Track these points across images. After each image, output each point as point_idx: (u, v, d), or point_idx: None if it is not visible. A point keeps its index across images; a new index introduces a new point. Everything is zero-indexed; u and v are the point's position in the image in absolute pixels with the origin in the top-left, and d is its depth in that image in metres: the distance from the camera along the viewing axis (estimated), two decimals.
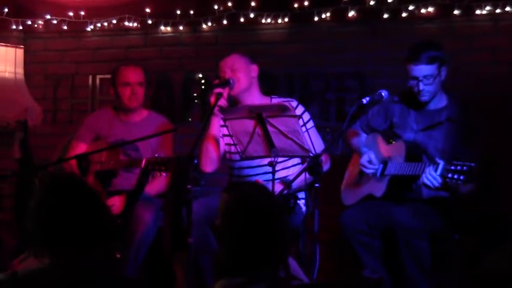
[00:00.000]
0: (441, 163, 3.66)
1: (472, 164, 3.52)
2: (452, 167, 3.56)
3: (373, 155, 4.15)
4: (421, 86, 3.98)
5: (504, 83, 4.90)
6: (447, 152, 3.87)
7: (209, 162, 4.34)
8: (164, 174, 4.24)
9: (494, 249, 2.14)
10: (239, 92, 4.31)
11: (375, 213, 4.01)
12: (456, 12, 5.10)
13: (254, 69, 4.39)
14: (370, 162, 4.13)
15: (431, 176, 3.69)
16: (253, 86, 4.38)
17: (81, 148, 4.67)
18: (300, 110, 4.29)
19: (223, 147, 4.39)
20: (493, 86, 4.93)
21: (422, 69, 3.97)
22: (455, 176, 3.54)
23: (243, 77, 4.32)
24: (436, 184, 3.70)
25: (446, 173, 3.59)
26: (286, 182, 3.97)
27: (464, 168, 3.53)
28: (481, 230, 4.14)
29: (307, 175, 3.73)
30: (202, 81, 5.66)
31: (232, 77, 4.27)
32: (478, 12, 5.06)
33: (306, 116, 4.32)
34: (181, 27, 5.70)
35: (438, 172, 3.65)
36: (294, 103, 4.31)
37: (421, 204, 3.92)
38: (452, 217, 3.93)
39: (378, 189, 4.07)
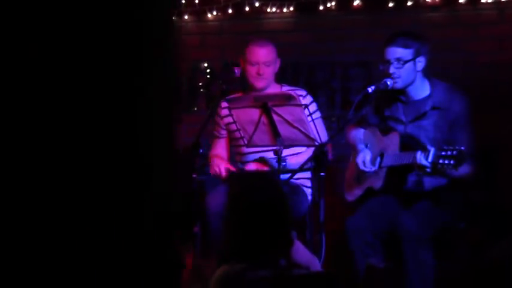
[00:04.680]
0: (432, 150, 3.64)
1: (462, 148, 3.54)
2: (443, 153, 3.56)
3: (369, 155, 4.09)
4: (391, 69, 3.91)
5: (510, 71, 4.88)
6: (438, 140, 3.84)
7: None
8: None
9: (500, 239, 2.15)
10: (264, 86, 4.27)
11: (381, 218, 3.93)
12: (461, 0, 5.08)
13: (278, 64, 4.35)
14: (364, 163, 4.10)
15: (421, 165, 3.69)
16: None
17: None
18: (308, 99, 4.28)
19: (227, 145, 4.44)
20: (498, 74, 4.92)
21: (395, 52, 3.93)
22: (446, 162, 3.54)
23: (270, 72, 4.28)
24: (427, 170, 3.69)
25: (437, 159, 3.58)
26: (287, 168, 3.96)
27: (454, 152, 3.53)
28: (487, 219, 4.13)
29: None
30: (208, 70, 5.66)
31: (261, 70, 4.22)
32: (483, 0, 5.04)
33: (313, 107, 4.30)
34: (186, 17, 5.69)
35: (430, 159, 3.64)
36: (303, 92, 4.31)
37: (426, 203, 3.88)
38: (458, 207, 3.92)
39: (376, 181, 4.03)
